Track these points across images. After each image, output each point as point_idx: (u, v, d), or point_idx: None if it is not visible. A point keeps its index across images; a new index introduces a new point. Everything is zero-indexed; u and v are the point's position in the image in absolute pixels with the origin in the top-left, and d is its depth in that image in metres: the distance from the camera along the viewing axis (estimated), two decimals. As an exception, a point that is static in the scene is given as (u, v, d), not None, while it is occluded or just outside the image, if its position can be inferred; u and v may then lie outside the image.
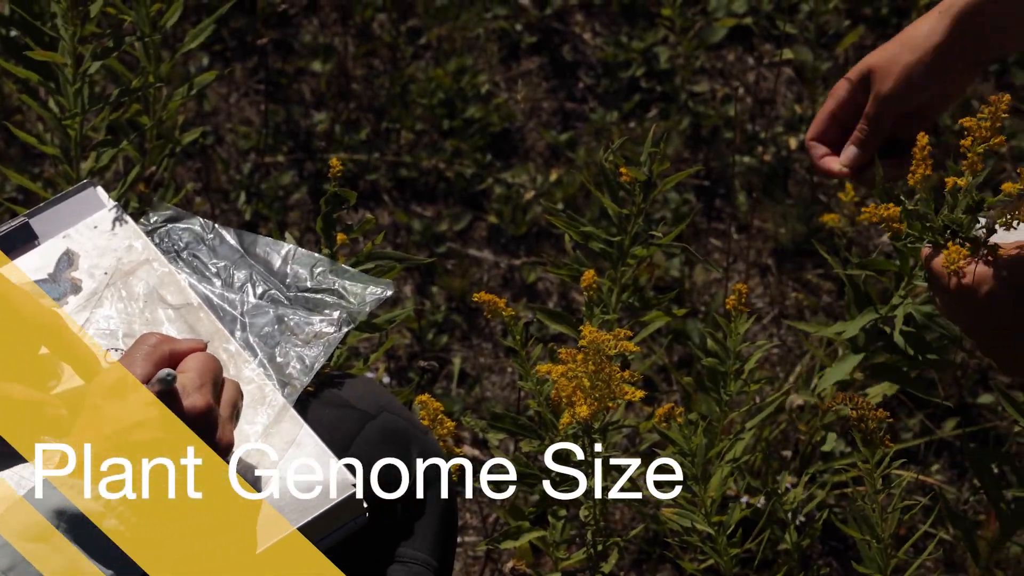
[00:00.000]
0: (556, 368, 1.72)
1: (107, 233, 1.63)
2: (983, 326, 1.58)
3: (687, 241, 3.05)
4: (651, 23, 3.43)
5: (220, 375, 1.40)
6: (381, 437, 1.63)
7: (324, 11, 3.48)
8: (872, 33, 3.40)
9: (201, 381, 1.35)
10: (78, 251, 1.60)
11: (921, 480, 2.60)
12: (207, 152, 3.21)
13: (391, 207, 3.14)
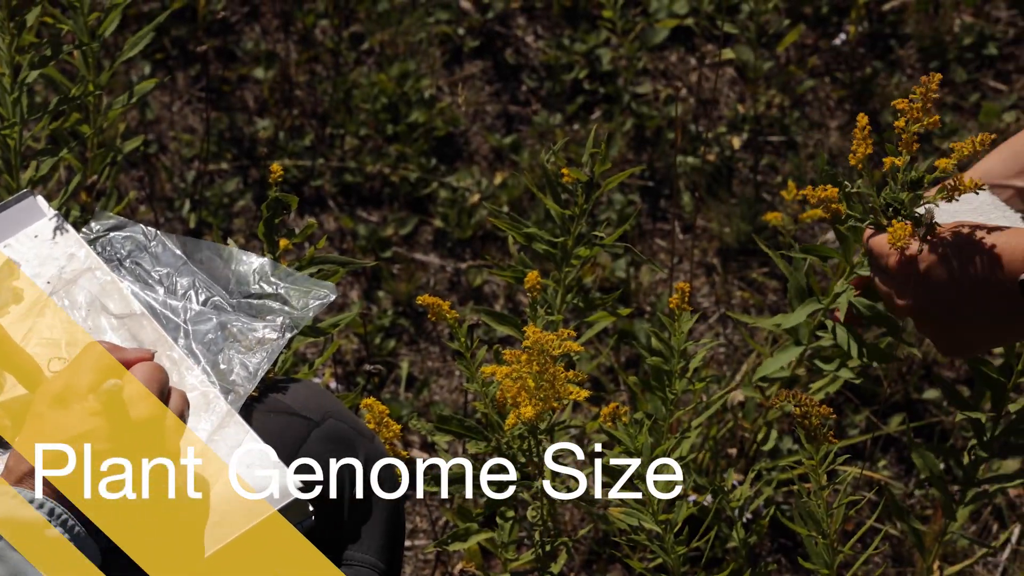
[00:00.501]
0: (501, 369, 1.73)
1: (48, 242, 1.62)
2: (921, 304, 1.60)
3: (632, 242, 3.06)
4: (593, 25, 3.44)
5: (166, 385, 1.40)
6: (327, 442, 1.62)
7: (266, 18, 3.48)
8: (812, 32, 3.42)
9: (147, 391, 1.35)
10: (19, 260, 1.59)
11: (867, 476, 2.62)
12: (150, 161, 3.19)
13: (336, 212, 3.14)
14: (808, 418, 1.75)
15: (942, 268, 1.57)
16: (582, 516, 2.62)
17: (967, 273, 1.56)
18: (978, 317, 1.58)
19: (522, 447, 1.95)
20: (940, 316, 1.60)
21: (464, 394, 2.81)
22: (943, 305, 1.59)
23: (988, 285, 1.55)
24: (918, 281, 1.59)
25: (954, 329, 1.61)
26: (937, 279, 1.58)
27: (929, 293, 1.59)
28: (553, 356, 1.71)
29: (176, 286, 1.62)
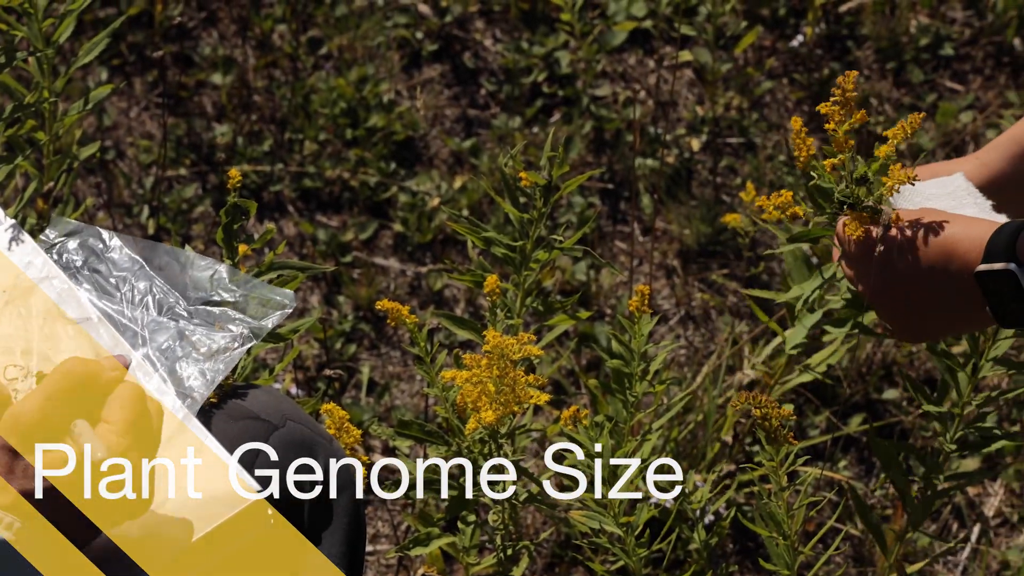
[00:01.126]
0: (461, 374, 1.73)
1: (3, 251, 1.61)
2: (878, 290, 1.63)
3: (593, 244, 3.06)
4: (551, 28, 3.44)
5: (144, 403, 1.37)
6: (286, 447, 1.62)
7: (223, 23, 3.47)
8: (770, 34, 3.43)
9: (124, 429, 1.33)
10: (-26, 269, 1.58)
11: (828, 476, 2.63)
12: (108, 167, 3.18)
13: (296, 218, 3.13)
14: (768, 420, 1.75)
15: (898, 258, 1.59)
16: (544, 520, 2.62)
17: (922, 264, 1.58)
18: (933, 307, 1.61)
19: (483, 451, 1.95)
20: (896, 303, 1.63)
21: (425, 398, 2.81)
22: (898, 293, 1.61)
23: (943, 276, 1.57)
24: (875, 268, 1.61)
25: (909, 317, 1.63)
26: (892, 268, 1.60)
27: (885, 280, 1.62)
28: (513, 360, 1.71)
29: (133, 292, 1.61)
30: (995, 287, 1.52)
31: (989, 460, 2.74)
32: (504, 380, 1.70)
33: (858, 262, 1.65)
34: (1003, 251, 1.52)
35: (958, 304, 1.58)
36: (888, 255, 1.60)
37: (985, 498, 2.70)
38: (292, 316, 2.96)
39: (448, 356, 1.98)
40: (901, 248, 1.59)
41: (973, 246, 1.55)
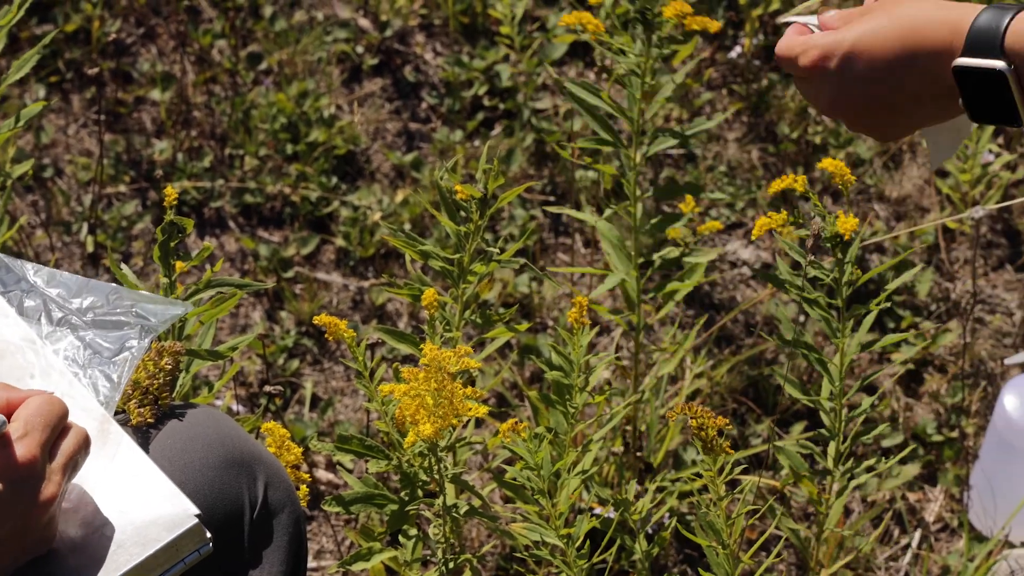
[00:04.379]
0: (399, 388, 1.73)
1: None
2: (835, 102, 1.49)
3: (535, 256, 3.07)
4: (491, 42, 3.45)
5: (58, 421, 1.34)
6: (227, 466, 1.61)
7: (162, 39, 3.46)
8: (708, 46, 3.45)
9: (27, 428, 1.30)
10: None
11: (769, 484, 2.64)
12: (46, 185, 3.16)
13: (237, 233, 3.13)
14: (704, 430, 1.76)
15: (851, 59, 1.45)
16: (487, 532, 2.62)
17: (881, 59, 1.44)
18: (899, 103, 1.46)
19: (423, 465, 1.95)
20: (858, 109, 1.48)
21: (367, 413, 2.81)
22: (856, 99, 1.47)
23: (907, 70, 1.43)
24: (835, 79, 1.47)
25: (876, 117, 1.48)
26: (848, 73, 1.46)
27: (841, 88, 1.47)
28: (451, 373, 1.71)
29: (25, 308, 1.60)
30: (976, 83, 1.38)
31: (929, 466, 2.76)
32: (442, 393, 1.70)
33: (808, 79, 1.49)
34: (989, 44, 1.37)
35: (926, 98, 1.44)
36: (840, 60, 1.45)
37: (926, 504, 2.72)
38: (233, 332, 2.96)
39: (389, 370, 1.98)
40: (853, 47, 1.44)
41: (945, 32, 1.40)
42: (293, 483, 1.72)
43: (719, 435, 1.76)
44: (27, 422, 1.31)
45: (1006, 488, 2.55)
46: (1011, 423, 2.51)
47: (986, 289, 3.06)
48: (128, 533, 1.40)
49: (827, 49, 1.46)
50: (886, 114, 1.47)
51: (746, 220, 3.18)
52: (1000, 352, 2.94)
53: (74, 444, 1.36)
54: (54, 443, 1.34)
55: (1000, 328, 2.99)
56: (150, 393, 1.62)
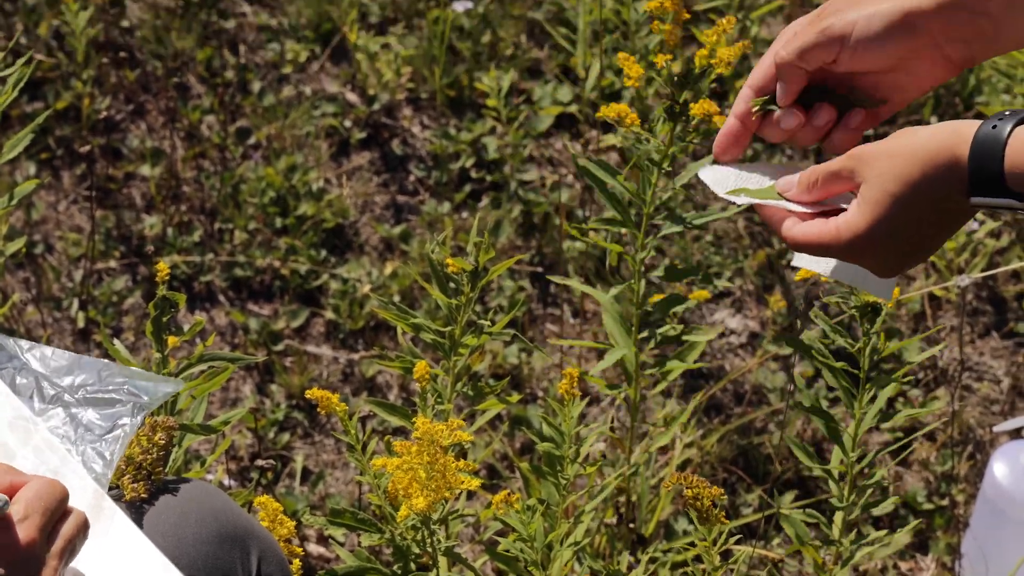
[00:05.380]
0: (391, 461, 1.73)
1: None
2: (874, 259, 1.47)
3: (524, 327, 3.07)
4: (478, 114, 3.47)
5: (59, 505, 1.35)
6: (220, 541, 1.61)
7: (151, 115, 3.48)
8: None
9: (27, 511, 1.30)
10: None
11: (762, 554, 2.64)
12: (37, 261, 3.17)
13: (227, 307, 3.13)
14: (699, 499, 1.77)
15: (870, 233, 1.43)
16: (481, 604, 2.61)
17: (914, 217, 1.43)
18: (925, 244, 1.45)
19: (416, 538, 1.95)
20: (898, 260, 1.47)
21: (359, 485, 2.80)
22: (900, 251, 1.46)
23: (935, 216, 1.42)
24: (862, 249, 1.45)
25: (903, 263, 1.48)
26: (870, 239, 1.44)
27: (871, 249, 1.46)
28: (443, 446, 1.71)
29: (18, 386, 1.60)
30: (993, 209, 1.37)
31: (920, 535, 2.76)
32: (435, 466, 1.70)
33: (844, 252, 1.47)
34: (995, 180, 1.36)
35: (955, 220, 1.43)
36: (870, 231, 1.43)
37: (918, 572, 2.72)
38: (224, 406, 2.95)
39: (380, 442, 1.98)
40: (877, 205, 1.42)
41: (951, 162, 1.38)
42: (286, 557, 1.72)
43: (714, 505, 1.76)
44: (28, 505, 1.31)
45: (997, 556, 2.55)
46: (1001, 491, 2.51)
47: (973, 356, 3.07)
48: (122, 608, 1.40)
49: (855, 251, 1.45)
50: (912, 255, 1.46)
51: (733, 289, 3.19)
52: (988, 419, 2.95)
53: (73, 528, 1.36)
54: (54, 527, 1.34)
55: (988, 395, 3.00)
56: (144, 468, 1.62)
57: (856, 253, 1.47)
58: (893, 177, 1.42)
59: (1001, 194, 1.35)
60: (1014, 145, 1.34)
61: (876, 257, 1.47)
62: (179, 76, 3.54)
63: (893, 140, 1.44)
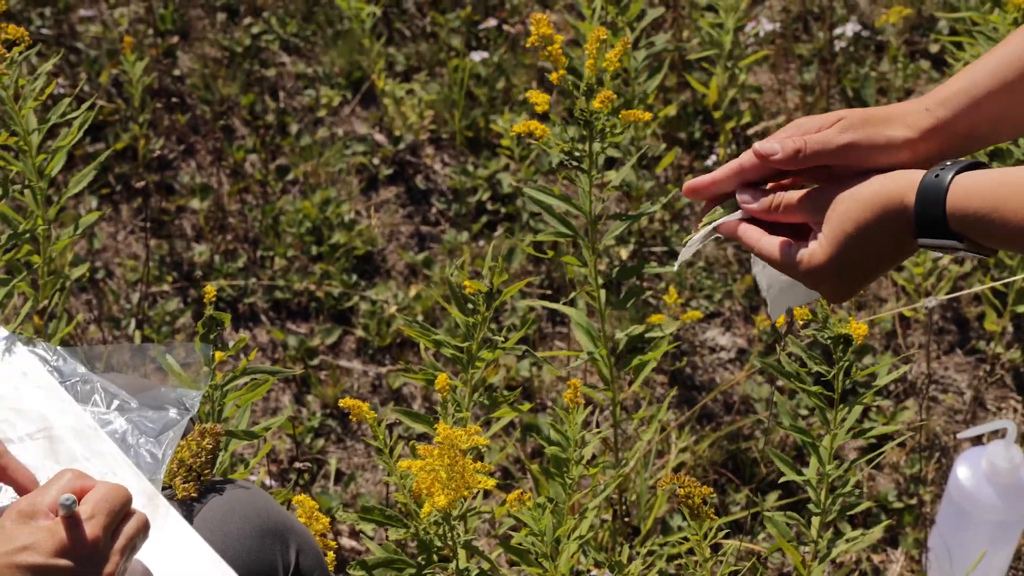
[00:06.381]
0: (416, 463, 1.73)
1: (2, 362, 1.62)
2: (838, 289, 1.49)
3: (534, 344, 3.08)
4: (493, 153, 3.49)
5: (123, 506, 1.36)
6: (262, 535, 1.62)
7: (200, 154, 3.49)
8: (687, 154, 3.49)
9: (93, 511, 1.32)
10: (-24, 379, 1.59)
11: (748, 548, 2.64)
12: (98, 285, 3.18)
13: (268, 326, 3.14)
14: (691, 498, 1.77)
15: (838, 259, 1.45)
16: (496, 593, 2.62)
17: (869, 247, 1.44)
18: (872, 273, 1.47)
19: (438, 532, 1.95)
20: (847, 289, 1.48)
21: (387, 485, 2.81)
22: (851, 282, 1.47)
23: (884, 245, 1.44)
24: (819, 278, 1.47)
25: (851, 288, 1.49)
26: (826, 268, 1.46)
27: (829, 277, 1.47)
28: (462, 449, 1.72)
29: (78, 393, 1.62)
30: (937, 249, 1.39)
31: (891, 531, 2.76)
32: (454, 468, 1.71)
33: (803, 279, 1.49)
34: (939, 224, 1.37)
35: (902, 255, 1.44)
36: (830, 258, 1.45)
37: (888, 564, 2.71)
38: (265, 415, 2.96)
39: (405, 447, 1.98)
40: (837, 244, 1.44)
41: (901, 207, 1.40)
42: (321, 550, 1.73)
43: (704, 503, 1.77)
44: (95, 506, 1.33)
45: (961, 550, 2.54)
46: (964, 492, 2.51)
47: (939, 371, 3.07)
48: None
49: (813, 278, 1.47)
50: (860, 281, 1.48)
51: (723, 310, 3.19)
52: (953, 427, 2.95)
53: (134, 528, 1.37)
54: (117, 526, 1.35)
55: (952, 406, 3.00)
56: (194, 470, 1.63)
57: (813, 280, 1.49)
58: (851, 219, 1.44)
59: (945, 235, 1.37)
60: (955, 191, 1.36)
61: (830, 285, 1.49)
62: (225, 119, 3.56)
63: (851, 184, 1.46)
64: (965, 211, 1.36)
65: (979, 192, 1.36)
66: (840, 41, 3.71)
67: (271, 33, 3.78)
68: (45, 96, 2.10)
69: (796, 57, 3.72)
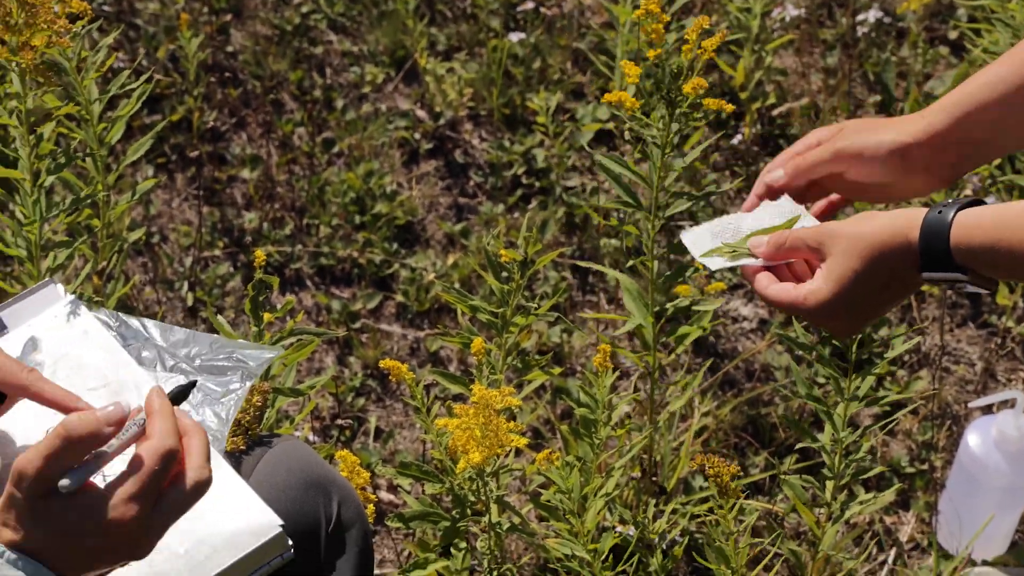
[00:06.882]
0: (452, 422, 1.74)
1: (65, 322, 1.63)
2: (845, 326, 1.51)
3: (565, 312, 3.08)
4: (529, 130, 3.48)
5: (165, 468, 1.27)
6: (306, 487, 1.63)
7: (251, 126, 3.50)
8: (714, 133, 3.47)
9: (136, 489, 1.24)
10: (40, 337, 1.60)
11: (767, 508, 2.64)
12: (153, 249, 3.20)
13: (313, 291, 3.15)
14: (720, 476, 1.77)
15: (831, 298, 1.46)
16: (525, 546, 2.62)
17: (869, 285, 1.45)
18: (877, 310, 1.49)
19: (472, 487, 1.96)
20: (848, 322, 1.51)
21: (423, 443, 2.82)
22: (849, 314, 1.49)
23: (888, 285, 1.45)
24: (824, 314, 1.49)
25: (856, 324, 1.52)
26: (831, 306, 1.47)
27: (846, 314, 1.49)
28: (496, 410, 1.72)
29: (143, 358, 1.62)
30: (942, 282, 1.41)
31: (903, 494, 2.75)
32: (488, 427, 1.72)
33: (810, 318, 1.51)
34: (943, 258, 1.39)
35: (907, 291, 1.47)
36: (822, 302, 1.47)
37: (900, 526, 2.71)
38: (310, 374, 2.98)
39: (442, 407, 1.99)
40: (841, 279, 1.45)
41: (904, 244, 1.42)
42: (362, 502, 1.74)
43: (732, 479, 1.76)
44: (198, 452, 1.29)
45: (969, 513, 2.54)
46: (974, 458, 2.50)
47: (952, 343, 3.06)
48: (223, 539, 1.41)
49: (818, 315, 1.49)
50: (865, 318, 1.50)
51: (746, 283, 3.18)
52: (964, 397, 2.94)
53: (182, 499, 1.30)
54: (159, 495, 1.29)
55: (964, 376, 2.98)
56: (242, 425, 1.64)
57: (819, 317, 1.50)
58: (855, 256, 1.45)
59: (948, 269, 1.39)
60: (958, 226, 1.38)
61: (836, 321, 1.50)
62: (274, 94, 3.57)
63: (856, 222, 1.47)
64: (970, 244, 1.38)
65: (981, 226, 1.38)
66: (862, 27, 3.68)
67: (319, 12, 3.78)
68: (106, 68, 2.11)
69: (820, 42, 3.70)
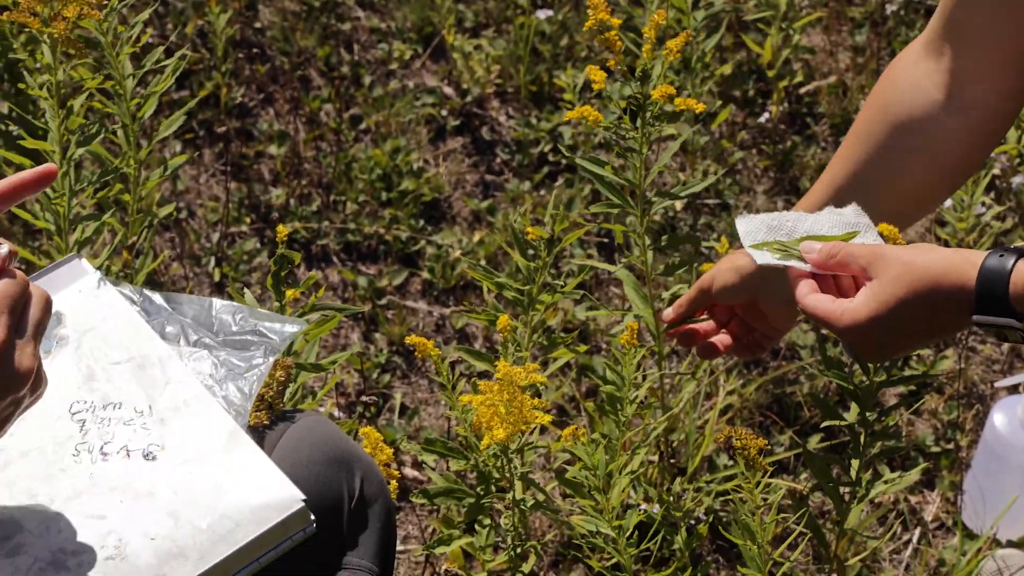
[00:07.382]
0: (476, 399, 1.73)
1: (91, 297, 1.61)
2: (874, 348, 1.49)
3: (591, 289, 3.06)
4: (556, 107, 3.45)
5: (20, 298, 1.20)
6: (329, 463, 1.61)
7: (278, 103, 3.48)
8: (741, 112, 3.44)
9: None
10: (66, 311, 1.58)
11: (792, 486, 2.62)
12: (181, 224, 3.19)
13: (340, 267, 3.14)
14: (747, 450, 1.74)
15: (880, 316, 1.43)
16: (549, 523, 2.61)
17: (910, 313, 1.42)
18: (916, 341, 1.47)
19: (496, 464, 1.94)
20: (884, 352, 1.50)
21: (448, 420, 2.81)
22: (884, 340, 1.47)
23: (929, 318, 1.42)
24: (857, 335, 1.46)
25: (892, 352, 1.50)
26: (879, 325, 1.44)
27: (878, 337, 1.46)
28: (521, 386, 1.70)
29: (167, 333, 1.61)
30: (992, 327, 1.39)
31: (928, 473, 2.72)
32: (513, 403, 1.70)
33: (847, 337, 1.48)
34: (999, 303, 1.37)
35: (944, 332, 1.44)
36: (872, 327, 1.44)
37: (925, 505, 2.68)
38: (335, 350, 2.96)
39: (467, 384, 1.97)
40: (883, 304, 1.43)
41: (958, 283, 1.39)
42: (385, 478, 1.72)
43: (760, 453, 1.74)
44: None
45: (995, 493, 2.51)
46: (999, 438, 2.48)
47: (978, 322, 3.02)
48: (245, 514, 1.40)
49: (851, 334, 1.46)
50: (902, 348, 1.48)
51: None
52: (990, 376, 2.90)
53: (39, 311, 1.23)
54: (20, 317, 1.21)
55: (990, 356, 2.95)
56: (266, 400, 1.63)
57: (851, 335, 1.47)
58: (903, 284, 1.42)
59: (1003, 314, 1.36)
60: (1018, 274, 1.35)
61: (867, 343, 1.48)
62: (302, 70, 3.55)
63: (912, 251, 1.44)
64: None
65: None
66: (891, 5, 3.63)
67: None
68: (141, 44, 2.10)
69: (848, 20, 3.66)
